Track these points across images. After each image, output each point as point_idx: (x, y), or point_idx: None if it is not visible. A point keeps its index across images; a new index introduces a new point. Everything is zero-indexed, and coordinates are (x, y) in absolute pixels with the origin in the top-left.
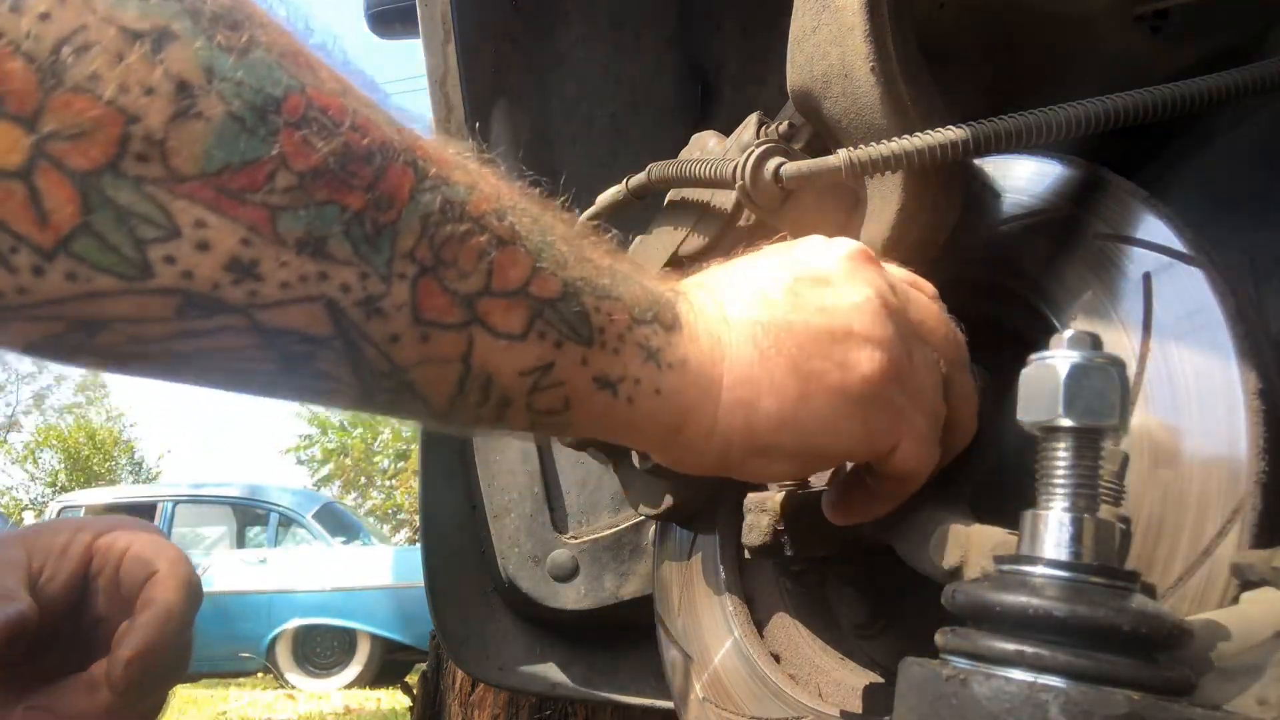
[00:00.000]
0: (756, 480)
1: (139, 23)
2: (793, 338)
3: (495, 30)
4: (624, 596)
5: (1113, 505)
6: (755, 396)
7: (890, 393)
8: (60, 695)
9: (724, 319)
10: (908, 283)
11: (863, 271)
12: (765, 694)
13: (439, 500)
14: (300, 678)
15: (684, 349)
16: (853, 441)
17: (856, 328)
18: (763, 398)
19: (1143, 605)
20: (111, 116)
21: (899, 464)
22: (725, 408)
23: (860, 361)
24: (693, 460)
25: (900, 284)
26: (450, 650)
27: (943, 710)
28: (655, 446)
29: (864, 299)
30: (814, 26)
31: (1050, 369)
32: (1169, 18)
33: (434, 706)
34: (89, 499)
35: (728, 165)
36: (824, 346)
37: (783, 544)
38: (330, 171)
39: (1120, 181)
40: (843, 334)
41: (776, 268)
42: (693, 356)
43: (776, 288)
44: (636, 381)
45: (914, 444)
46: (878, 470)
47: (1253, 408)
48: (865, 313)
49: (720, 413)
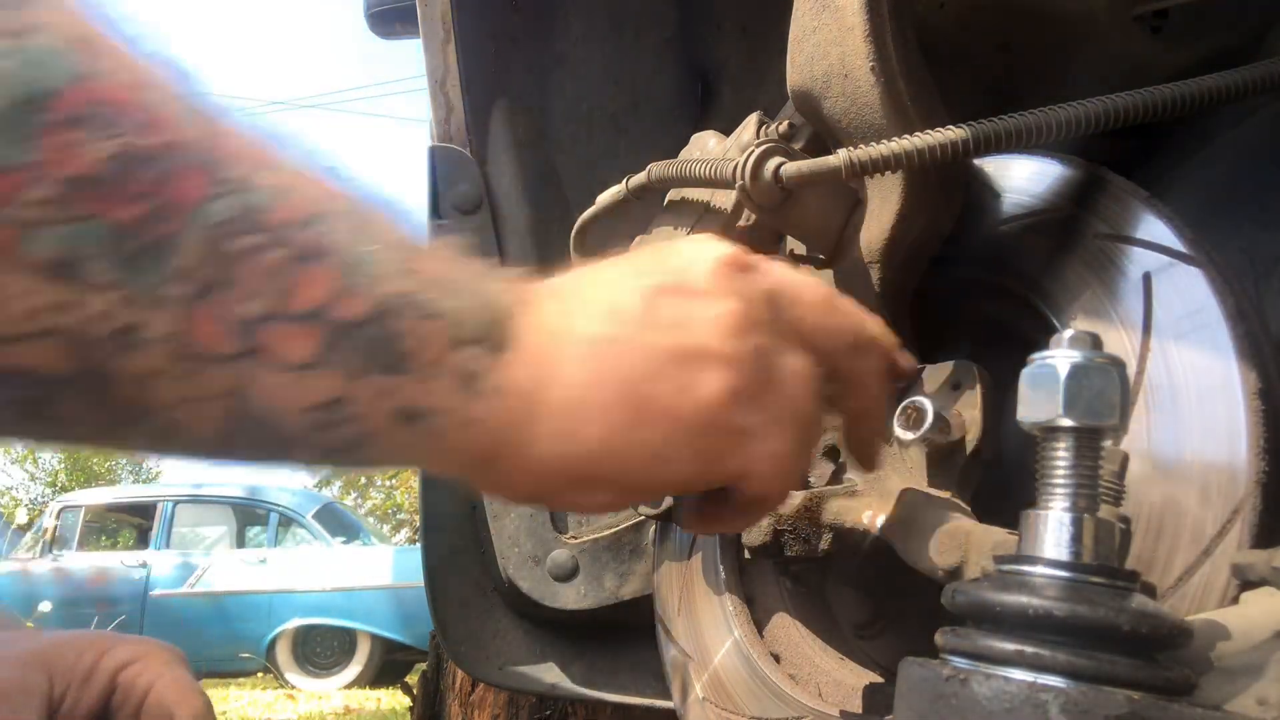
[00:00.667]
0: (576, 511)
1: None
2: (634, 356)
3: (495, 30)
4: (624, 596)
5: (1113, 505)
6: (577, 427)
7: (734, 416)
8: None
9: (566, 334)
10: (793, 284)
11: (732, 280)
12: (765, 694)
13: (439, 500)
14: (300, 678)
15: (506, 374)
16: (685, 471)
17: (711, 345)
18: (585, 427)
19: (1143, 605)
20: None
21: (748, 489)
22: (543, 439)
23: (702, 384)
24: (507, 492)
25: (780, 288)
26: (450, 650)
27: (943, 710)
28: (464, 475)
29: (725, 312)
30: (814, 26)
31: (1050, 369)
32: (1169, 18)
33: (434, 706)
34: (89, 499)
35: (728, 165)
36: (667, 367)
37: (783, 544)
38: (99, 180)
39: (1120, 181)
40: (693, 352)
41: (638, 275)
42: (514, 383)
43: (632, 299)
44: (446, 413)
45: (765, 466)
46: (729, 491)
47: (1252, 408)
48: (722, 327)
49: (537, 444)
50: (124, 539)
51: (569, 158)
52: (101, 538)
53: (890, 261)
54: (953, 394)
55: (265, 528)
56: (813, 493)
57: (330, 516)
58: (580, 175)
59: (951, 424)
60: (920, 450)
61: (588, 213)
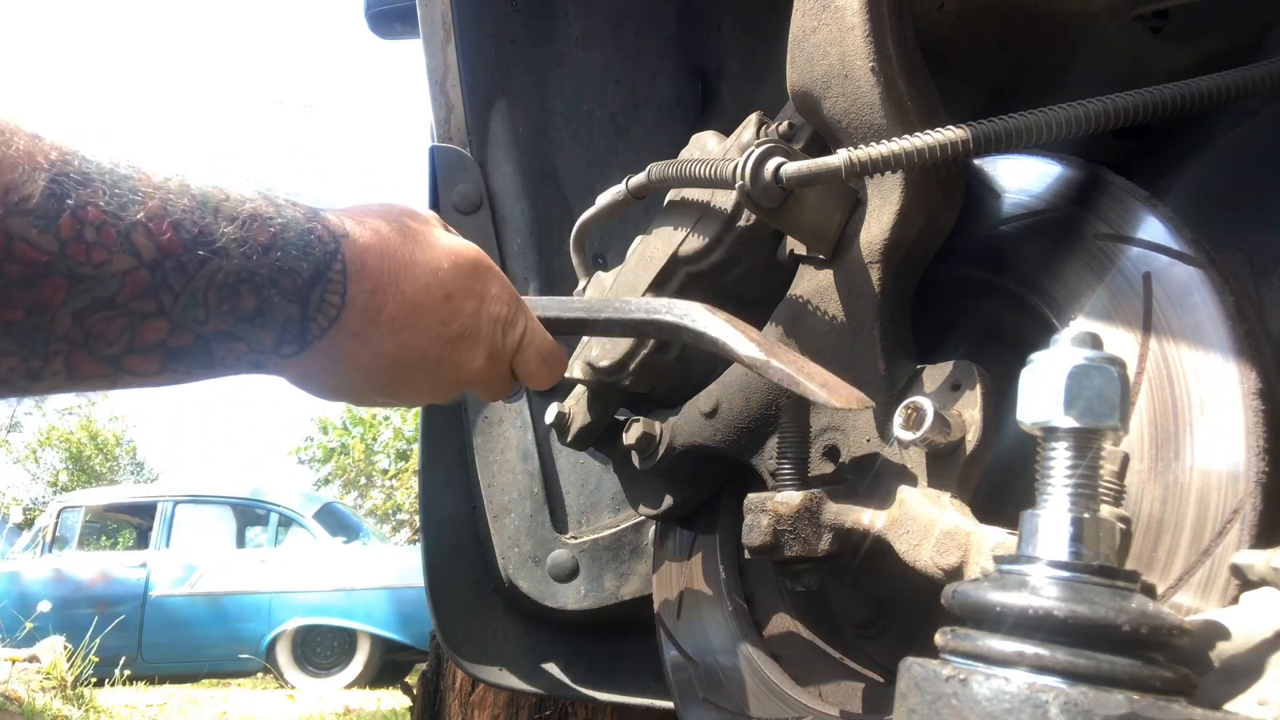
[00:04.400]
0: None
1: None
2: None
3: (495, 30)
4: (624, 596)
5: (1113, 505)
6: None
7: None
8: None
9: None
10: None
11: None
12: (765, 694)
13: (439, 500)
14: (300, 678)
15: (288, 371)
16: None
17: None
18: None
19: (1143, 605)
20: None
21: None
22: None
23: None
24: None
25: None
26: (450, 650)
27: (943, 710)
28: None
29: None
30: (814, 26)
31: (1050, 369)
32: (1169, 18)
33: (434, 706)
34: (89, 499)
35: (728, 165)
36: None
37: (782, 544)
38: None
39: (1120, 181)
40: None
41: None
42: (301, 373)
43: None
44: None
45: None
46: None
47: (1252, 408)
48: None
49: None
50: (124, 539)
51: (569, 158)
52: (101, 538)
53: (890, 261)
54: (953, 394)
55: (265, 528)
56: (813, 493)
57: (330, 516)
58: (580, 175)
59: (951, 424)
60: (920, 450)
61: (588, 213)
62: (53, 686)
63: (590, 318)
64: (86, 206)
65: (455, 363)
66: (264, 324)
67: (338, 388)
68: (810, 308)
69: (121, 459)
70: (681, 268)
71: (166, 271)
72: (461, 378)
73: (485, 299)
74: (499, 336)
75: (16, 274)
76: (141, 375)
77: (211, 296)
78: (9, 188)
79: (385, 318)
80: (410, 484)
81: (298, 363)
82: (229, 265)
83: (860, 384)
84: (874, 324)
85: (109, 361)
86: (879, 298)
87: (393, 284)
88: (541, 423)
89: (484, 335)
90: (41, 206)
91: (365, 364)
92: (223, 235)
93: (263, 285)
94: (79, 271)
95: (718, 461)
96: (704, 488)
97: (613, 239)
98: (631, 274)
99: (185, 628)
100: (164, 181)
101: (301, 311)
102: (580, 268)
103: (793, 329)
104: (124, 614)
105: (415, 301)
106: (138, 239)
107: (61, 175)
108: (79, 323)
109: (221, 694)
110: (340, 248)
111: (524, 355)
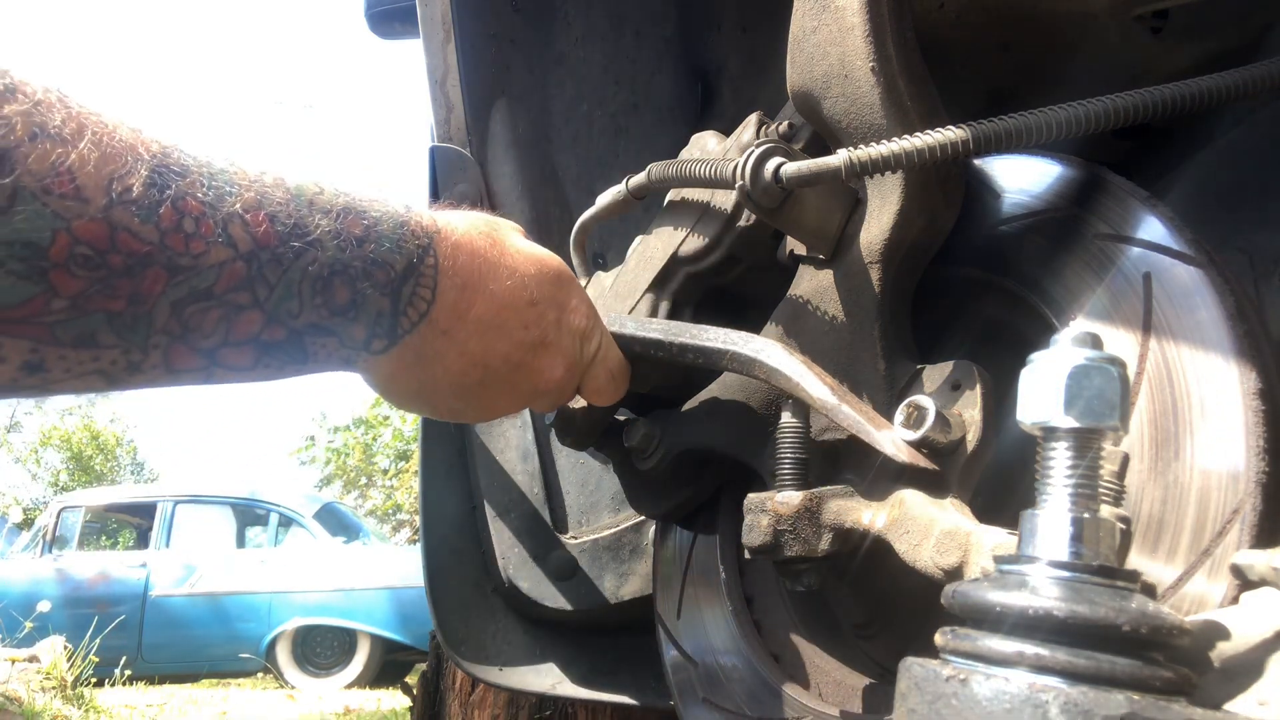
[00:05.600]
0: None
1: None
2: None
3: (495, 30)
4: (624, 597)
5: (1113, 505)
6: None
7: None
8: None
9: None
10: None
11: None
12: (765, 694)
13: (439, 500)
14: (300, 678)
15: (370, 371)
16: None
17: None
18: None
19: (1143, 605)
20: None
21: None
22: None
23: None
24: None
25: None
26: (450, 650)
27: (943, 710)
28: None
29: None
30: (814, 27)
31: (1050, 369)
32: (1169, 18)
33: (434, 706)
34: (89, 499)
35: (728, 165)
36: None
37: (782, 544)
38: (94, 291)
39: (1120, 181)
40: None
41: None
42: (378, 376)
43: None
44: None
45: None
46: None
47: (1252, 408)
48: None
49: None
50: (124, 539)
51: (569, 158)
52: (101, 538)
53: (890, 261)
54: (953, 394)
55: (265, 528)
56: (813, 493)
57: (330, 517)
58: (580, 175)
59: (951, 424)
60: (920, 450)
61: (588, 213)
62: (53, 686)
63: (666, 339)
64: (185, 198)
65: (536, 369)
66: (356, 317)
67: (420, 391)
68: (810, 308)
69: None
70: (681, 268)
71: (262, 263)
72: (539, 386)
73: (566, 308)
74: (578, 347)
75: (119, 264)
76: (235, 370)
77: (305, 289)
78: (113, 178)
79: (473, 316)
80: (410, 484)
81: (386, 360)
82: (323, 257)
83: (860, 384)
84: (874, 324)
85: (204, 354)
86: (879, 298)
87: (481, 282)
88: (541, 423)
89: (564, 345)
90: (143, 197)
91: (451, 363)
92: (317, 227)
93: (356, 277)
94: (178, 262)
95: (718, 461)
96: (704, 488)
97: (613, 239)
98: (631, 274)
99: (185, 628)
100: (259, 175)
101: (393, 305)
102: (580, 268)
103: (793, 329)
104: (124, 614)
105: (502, 302)
106: (234, 230)
107: (161, 167)
108: (177, 314)
109: (221, 694)
110: (433, 243)
111: (595, 370)
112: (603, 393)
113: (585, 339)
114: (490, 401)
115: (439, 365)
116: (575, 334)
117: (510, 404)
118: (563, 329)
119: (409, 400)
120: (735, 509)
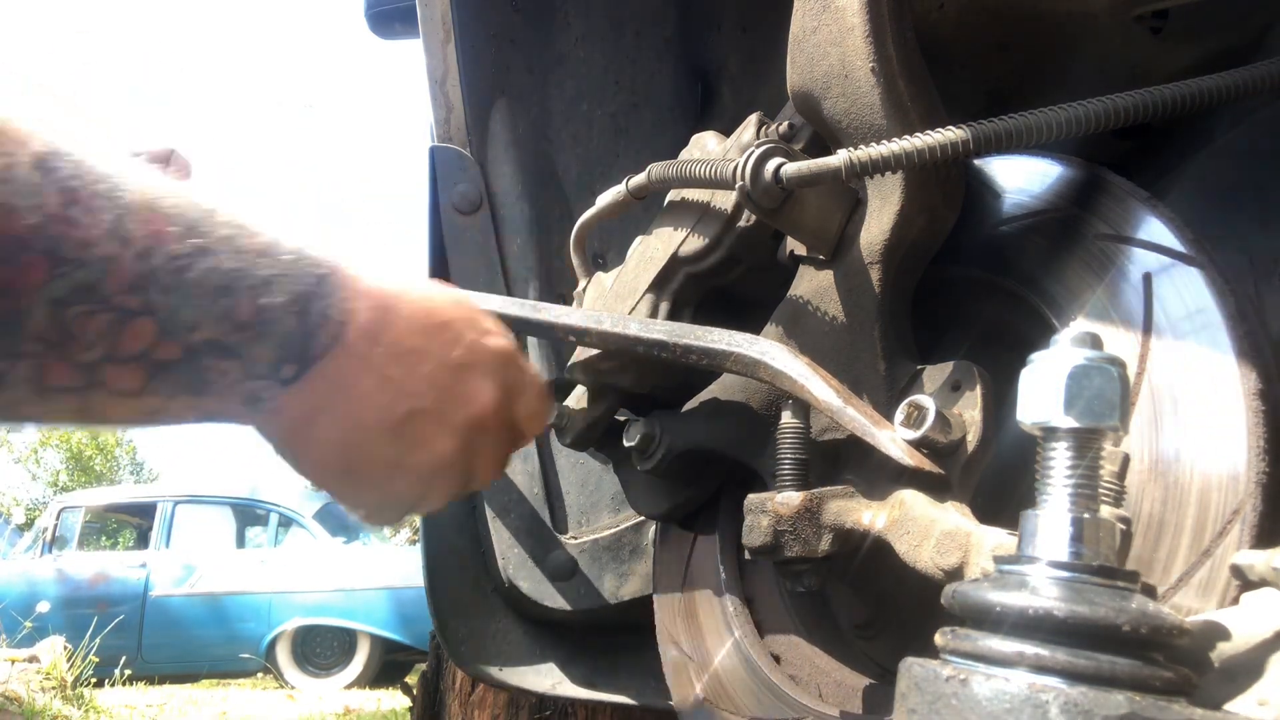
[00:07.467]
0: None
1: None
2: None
3: (495, 30)
4: (624, 597)
5: (1113, 505)
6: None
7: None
8: None
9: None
10: None
11: None
12: (765, 694)
13: None
14: (300, 678)
15: (286, 401)
16: None
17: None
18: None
19: (1143, 605)
20: None
21: None
22: (313, 444)
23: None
24: (291, 464)
25: None
26: (450, 650)
27: (943, 710)
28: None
29: None
30: (814, 27)
31: (1050, 369)
32: (1169, 18)
33: (434, 706)
34: (89, 499)
35: (728, 166)
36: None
37: (782, 545)
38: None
39: (1120, 181)
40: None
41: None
42: (290, 407)
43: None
44: (237, 417)
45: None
46: None
47: (1253, 408)
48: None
49: (310, 447)
50: (124, 539)
51: (569, 158)
52: (101, 538)
53: (890, 261)
54: (953, 394)
55: (265, 528)
56: (813, 493)
57: (330, 517)
58: (580, 175)
59: (951, 424)
60: (920, 450)
61: (588, 213)
62: (53, 686)
63: (670, 341)
64: (77, 188)
65: (466, 396)
66: (261, 334)
67: (345, 439)
68: (810, 308)
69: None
70: (681, 268)
71: (157, 263)
72: (473, 412)
73: (482, 329)
74: (506, 368)
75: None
76: (117, 394)
77: (204, 298)
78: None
79: (390, 339)
80: None
81: (299, 394)
82: (224, 265)
83: (860, 384)
84: (874, 324)
85: (84, 370)
86: (879, 298)
87: (394, 303)
88: None
89: (490, 365)
90: (26, 179)
91: (373, 393)
92: (217, 234)
93: (259, 289)
94: (62, 251)
95: (718, 462)
96: (704, 488)
97: (613, 239)
98: (631, 274)
99: (185, 628)
100: (161, 181)
101: (301, 323)
102: (580, 268)
103: (793, 329)
104: (124, 614)
105: (415, 324)
106: (129, 224)
107: (53, 154)
108: (56, 316)
109: (221, 694)
110: (338, 264)
111: (528, 394)
112: (538, 417)
113: (513, 358)
114: (427, 441)
115: (360, 398)
116: (500, 354)
117: (447, 442)
118: (486, 348)
119: (333, 453)
120: (735, 509)
